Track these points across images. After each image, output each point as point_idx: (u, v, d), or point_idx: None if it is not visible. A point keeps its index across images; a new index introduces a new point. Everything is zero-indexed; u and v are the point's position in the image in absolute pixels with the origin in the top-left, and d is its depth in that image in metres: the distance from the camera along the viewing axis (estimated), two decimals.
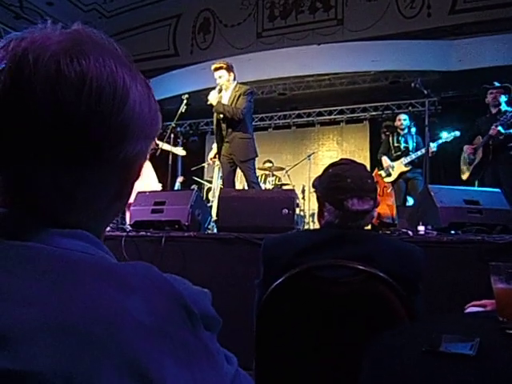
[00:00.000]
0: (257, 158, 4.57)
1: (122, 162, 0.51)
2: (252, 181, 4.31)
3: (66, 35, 0.48)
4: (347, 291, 1.14)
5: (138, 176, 0.56)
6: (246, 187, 4.57)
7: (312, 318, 1.20)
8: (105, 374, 0.36)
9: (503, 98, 4.56)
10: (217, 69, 4.39)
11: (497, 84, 4.61)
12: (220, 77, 4.37)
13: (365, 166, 1.38)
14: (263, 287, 1.28)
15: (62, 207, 0.48)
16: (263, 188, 6.63)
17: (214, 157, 4.83)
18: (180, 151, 5.83)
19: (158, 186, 5.68)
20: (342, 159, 1.40)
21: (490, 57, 6.44)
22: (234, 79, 4.46)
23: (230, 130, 4.35)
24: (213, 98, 4.30)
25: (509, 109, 4.51)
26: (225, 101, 4.39)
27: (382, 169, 5.69)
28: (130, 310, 0.40)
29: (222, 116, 4.34)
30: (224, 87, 4.41)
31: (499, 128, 4.36)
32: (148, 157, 0.56)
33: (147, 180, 5.71)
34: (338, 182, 1.30)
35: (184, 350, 0.42)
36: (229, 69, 4.39)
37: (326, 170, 1.39)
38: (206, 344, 0.46)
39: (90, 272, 0.42)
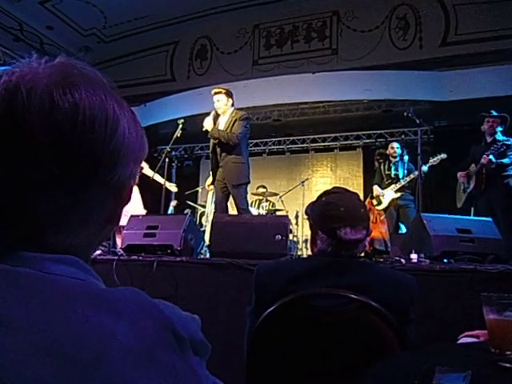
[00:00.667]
0: (250, 184, 4.58)
1: (115, 185, 0.52)
2: (242, 208, 4.28)
3: (54, 68, 0.50)
4: (339, 320, 1.13)
5: (128, 199, 0.57)
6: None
7: (304, 347, 1.19)
8: None
9: (499, 128, 4.60)
10: (216, 93, 4.49)
11: (494, 113, 4.66)
12: (218, 100, 4.45)
13: (358, 195, 1.40)
14: (255, 314, 1.27)
15: (55, 231, 0.49)
16: (256, 213, 6.62)
17: (212, 183, 4.78)
18: (173, 188, 5.83)
19: (143, 212, 5.64)
20: (334, 187, 1.41)
21: (480, 88, 6.58)
22: (232, 105, 4.54)
23: (224, 155, 4.38)
24: (208, 124, 4.36)
25: (503, 138, 4.55)
26: (221, 126, 4.45)
27: (374, 198, 5.74)
28: (117, 334, 0.41)
29: (217, 141, 4.37)
30: (221, 111, 4.47)
31: (491, 157, 4.41)
32: (137, 180, 0.58)
33: (132, 204, 5.69)
34: (330, 211, 1.30)
35: (172, 375, 0.43)
36: (228, 94, 4.48)
37: (319, 197, 1.39)
38: (195, 369, 0.46)
39: (79, 297, 0.43)
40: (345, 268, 1.27)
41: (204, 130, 4.43)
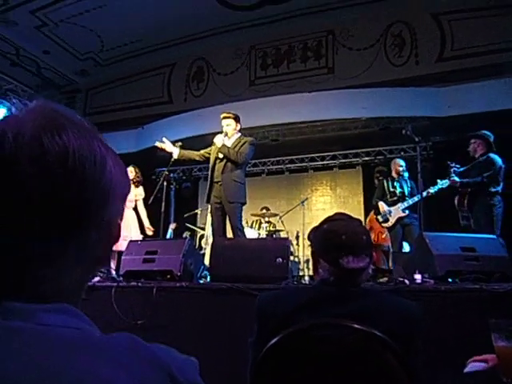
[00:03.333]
0: (246, 206, 4.64)
1: (106, 225, 0.53)
2: (237, 226, 4.34)
3: (37, 113, 0.51)
4: (343, 351, 1.11)
5: (118, 237, 0.58)
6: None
7: (307, 379, 1.16)
8: None
9: (482, 149, 4.81)
10: (226, 117, 4.67)
11: (487, 133, 4.83)
12: (228, 125, 4.61)
13: (360, 222, 1.39)
14: (257, 346, 1.25)
15: (47, 277, 0.49)
16: (257, 234, 6.61)
17: (207, 201, 4.72)
18: (149, 231, 5.70)
19: (140, 236, 5.58)
20: (336, 214, 1.41)
21: (477, 102, 6.63)
22: (239, 131, 4.71)
23: (225, 171, 4.48)
24: (219, 140, 4.52)
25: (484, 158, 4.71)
26: (230, 146, 4.58)
27: (379, 213, 5.69)
28: (116, 382, 0.41)
29: (221, 156, 4.48)
30: (229, 135, 4.61)
31: (455, 178, 4.70)
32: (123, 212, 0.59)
33: (128, 230, 5.61)
34: (332, 239, 1.30)
35: None
36: (236, 120, 4.68)
37: (321, 224, 1.39)
38: None
39: (75, 347, 0.42)
40: (348, 297, 1.26)
41: (213, 145, 4.59)
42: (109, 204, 0.52)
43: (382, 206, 5.65)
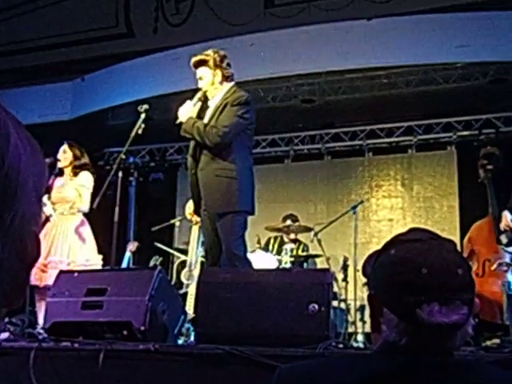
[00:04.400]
0: (257, 215, 4.60)
1: (15, 235, 0.54)
2: (233, 252, 4.24)
3: None
4: None
5: (35, 256, 0.59)
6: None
7: None
8: None
9: None
10: (197, 64, 4.56)
11: None
12: (201, 78, 4.54)
13: (453, 244, 1.39)
14: None
15: None
16: (276, 262, 6.61)
17: (195, 211, 4.76)
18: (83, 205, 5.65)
19: (98, 260, 5.65)
20: (412, 230, 1.40)
21: None
22: (228, 79, 4.61)
23: (202, 162, 4.49)
24: (184, 113, 4.49)
25: None
26: (208, 115, 4.56)
27: (503, 232, 5.62)
28: None
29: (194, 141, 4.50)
30: (210, 95, 4.57)
31: None
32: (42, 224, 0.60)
33: (80, 250, 5.67)
34: (405, 274, 1.30)
35: None
36: (216, 64, 4.53)
37: (386, 247, 1.39)
38: None
39: None
40: (431, 374, 1.26)
41: (178, 122, 4.55)
42: (17, 200, 0.53)
43: (507, 216, 5.59)
